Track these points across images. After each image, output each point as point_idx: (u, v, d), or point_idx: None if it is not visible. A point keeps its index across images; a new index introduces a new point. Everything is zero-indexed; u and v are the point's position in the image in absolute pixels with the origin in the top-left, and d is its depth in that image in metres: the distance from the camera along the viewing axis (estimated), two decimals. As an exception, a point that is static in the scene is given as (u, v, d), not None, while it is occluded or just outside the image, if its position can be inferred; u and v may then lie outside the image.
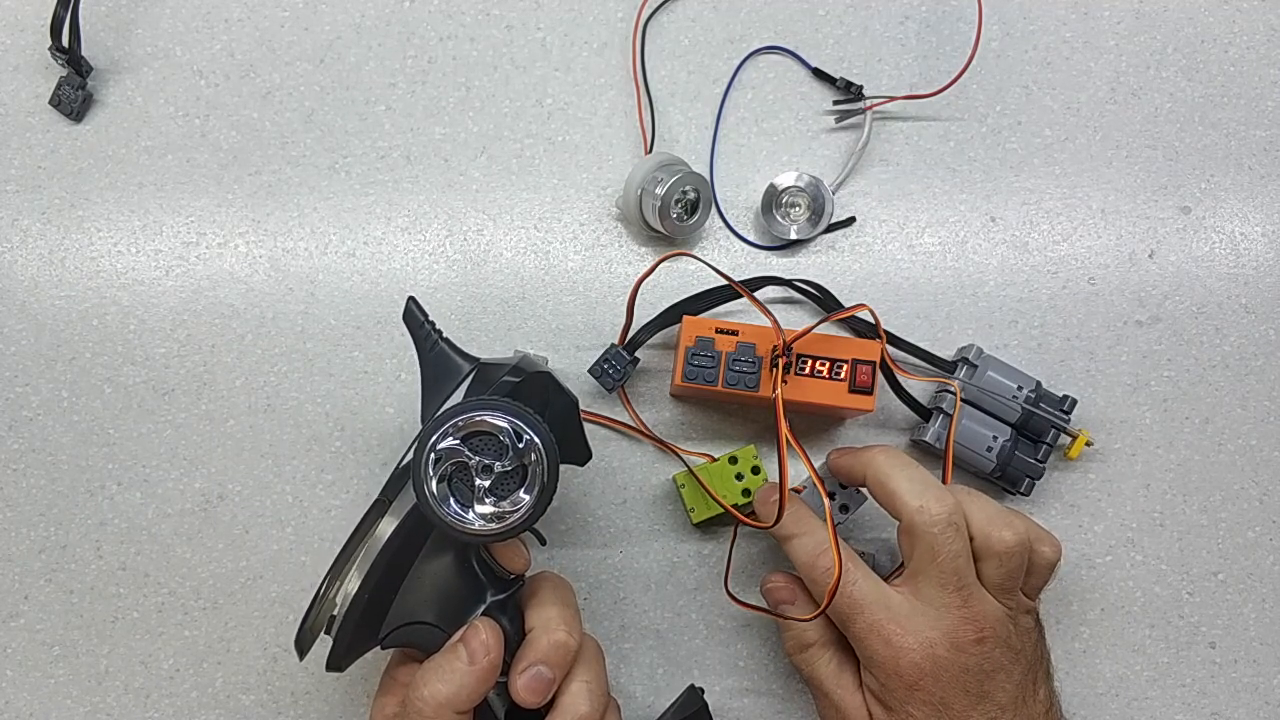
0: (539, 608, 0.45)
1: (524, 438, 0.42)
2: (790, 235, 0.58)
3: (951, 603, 0.45)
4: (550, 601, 0.45)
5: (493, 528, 0.42)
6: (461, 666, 0.41)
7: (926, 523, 0.45)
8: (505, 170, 0.59)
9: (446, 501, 0.42)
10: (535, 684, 0.42)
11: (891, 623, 0.45)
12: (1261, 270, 0.60)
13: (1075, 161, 0.61)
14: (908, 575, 0.47)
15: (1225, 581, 0.58)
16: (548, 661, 0.42)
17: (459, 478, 0.42)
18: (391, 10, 0.60)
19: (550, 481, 0.42)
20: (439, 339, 0.46)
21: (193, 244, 0.58)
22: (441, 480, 0.42)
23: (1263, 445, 0.59)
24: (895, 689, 0.45)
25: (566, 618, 0.44)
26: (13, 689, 0.55)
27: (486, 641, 0.42)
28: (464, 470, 0.42)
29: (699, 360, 0.52)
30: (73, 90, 0.57)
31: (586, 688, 0.43)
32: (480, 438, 0.42)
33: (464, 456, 0.42)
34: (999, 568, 0.46)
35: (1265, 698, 0.57)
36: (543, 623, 0.44)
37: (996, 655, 0.45)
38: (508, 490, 0.42)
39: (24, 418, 0.56)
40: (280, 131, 0.59)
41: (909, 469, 0.48)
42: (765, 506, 0.52)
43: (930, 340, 0.58)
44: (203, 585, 0.55)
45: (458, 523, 0.42)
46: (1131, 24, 0.62)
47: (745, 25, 0.61)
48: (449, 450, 0.42)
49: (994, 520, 0.46)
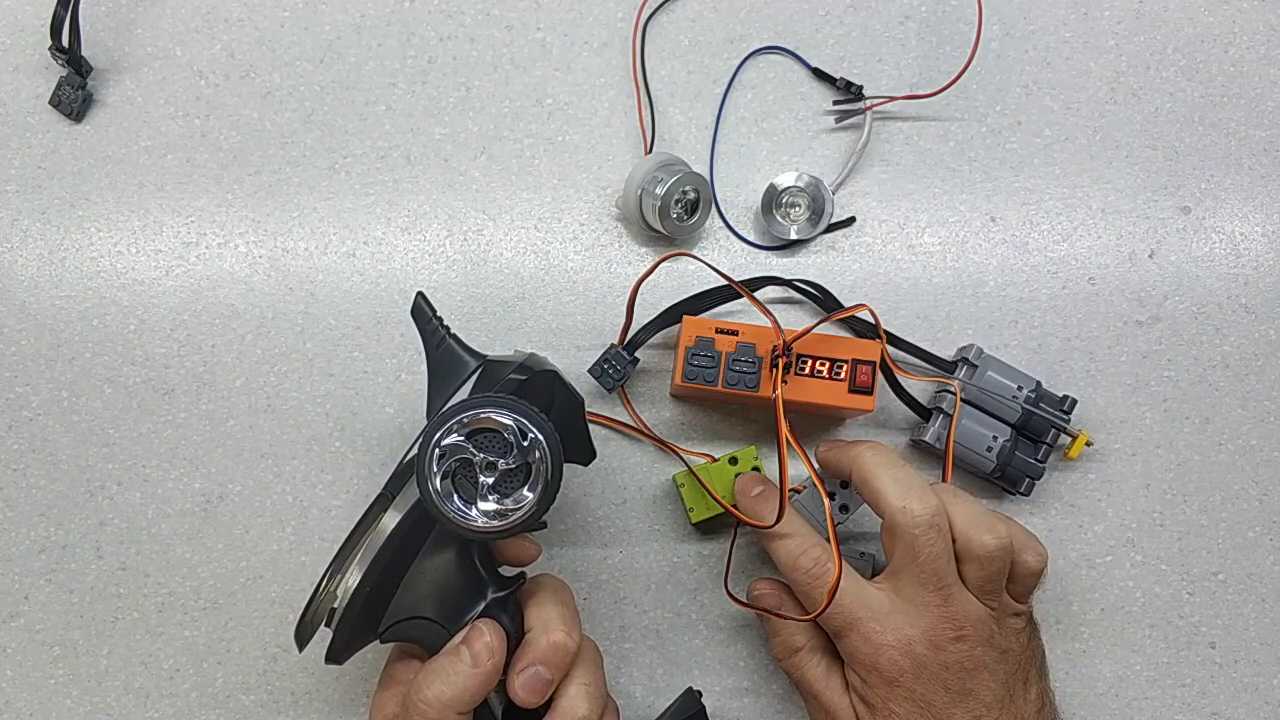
0: (538, 608, 0.45)
1: (529, 435, 0.42)
2: (790, 235, 0.58)
3: (931, 601, 0.45)
4: (550, 602, 0.45)
5: (495, 525, 0.42)
6: (465, 669, 0.41)
7: (908, 523, 0.46)
8: (505, 170, 0.59)
9: (450, 498, 0.42)
10: (533, 684, 0.42)
11: (872, 620, 0.46)
12: (1261, 270, 0.60)
13: (1075, 161, 0.61)
14: (888, 573, 0.47)
15: (1225, 581, 0.58)
16: (546, 662, 0.42)
17: (463, 474, 0.42)
18: (391, 10, 0.60)
19: (554, 480, 0.42)
20: (447, 335, 0.46)
21: (193, 244, 0.58)
22: (445, 477, 0.42)
23: (1263, 445, 0.59)
24: (876, 685, 0.45)
25: (566, 618, 0.44)
26: (13, 689, 0.55)
27: (490, 644, 0.42)
28: (468, 467, 0.42)
29: (699, 360, 0.52)
30: (73, 90, 0.57)
31: (585, 689, 0.43)
32: (485, 435, 0.42)
33: (468, 453, 0.42)
34: (979, 570, 0.46)
35: (1265, 698, 0.57)
36: (542, 623, 0.44)
37: (979, 654, 0.45)
38: (511, 488, 0.42)
39: (24, 418, 0.56)
40: (280, 131, 0.59)
41: (894, 468, 0.48)
42: (745, 499, 0.52)
43: (930, 340, 0.58)
44: (203, 585, 0.55)
45: (461, 519, 0.42)
46: (1131, 24, 0.62)
47: (745, 25, 0.61)
48: (453, 446, 0.42)
49: (977, 523, 0.46)
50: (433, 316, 0.46)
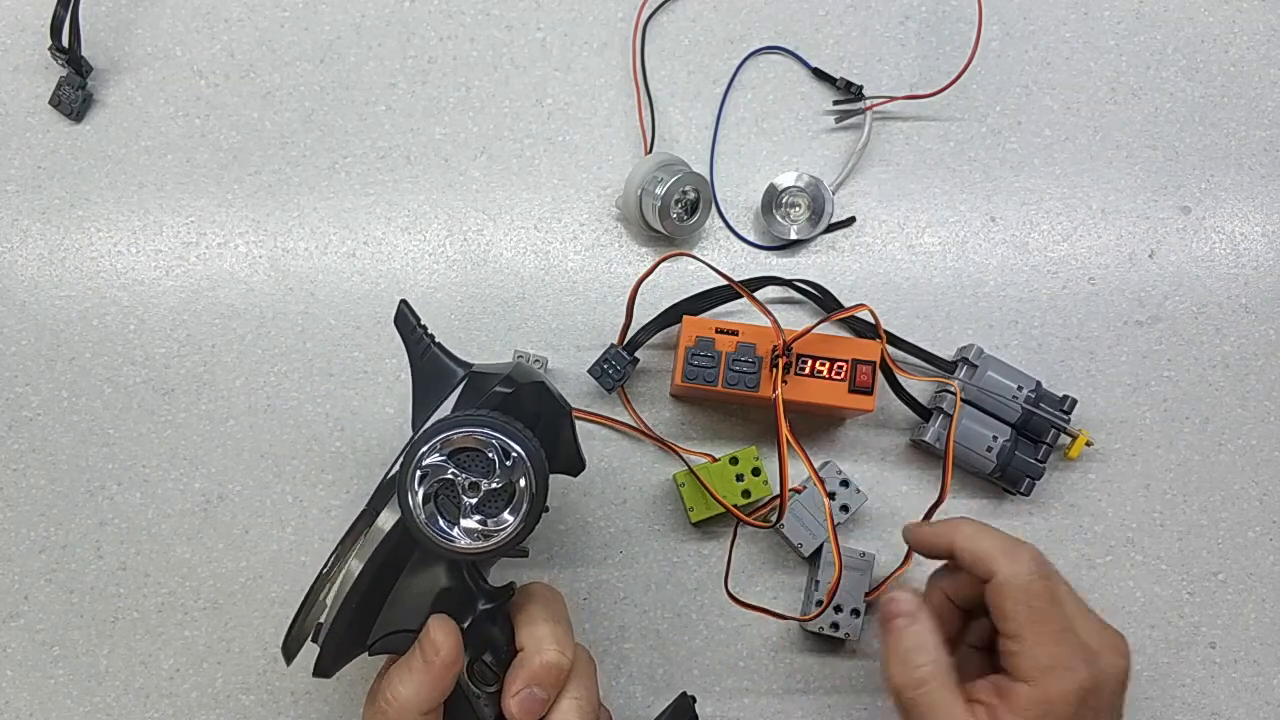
0: (529, 625, 0.44)
1: (512, 455, 0.41)
2: (790, 235, 0.58)
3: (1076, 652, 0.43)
4: (541, 619, 0.44)
5: (479, 545, 0.41)
6: (419, 665, 0.41)
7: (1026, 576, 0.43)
8: (505, 170, 0.59)
9: (434, 520, 0.41)
10: (529, 705, 0.42)
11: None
12: (1261, 270, 0.60)
13: (1075, 161, 0.61)
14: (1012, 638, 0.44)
15: (1225, 581, 0.58)
16: (540, 683, 0.42)
17: (445, 494, 0.41)
18: (391, 10, 0.60)
19: (538, 500, 0.41)
20: (431, 344, 0.45)
21: (193, 244, 0.58)
22: (427, 499, 0.41)
23: (1263, 445, 0.59)
24: None
25: (558, 635, 0.44)
26: (13, 689, 0.54)
27: (435, 640, 0.41)
28: (450, 487, 0.41)
29: (699, 360, 0.52)
30: (73, 90, 0.57)
31: (577, 704, 0.43)
32: (468, 454, 0.41)
33: (450, 474, 0.41)
34: None
35: (1265, 698, 0.57)
36: (534, 642, 0.43)
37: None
38: (496, 508, 0.41)
39: (24, 418, 0.56)
40: (280, 131, 0.59)
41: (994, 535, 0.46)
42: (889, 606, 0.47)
43: (930, 340, 0.58)
44: (203, 585, 0.55)
45: (444, 540, 0.41)
46: (1131, 24, 0.62)
47: (745, 25, 0.61)
48: (434, 467, 0.41)
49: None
50: (417, 325, 0.45)
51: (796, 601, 0.56)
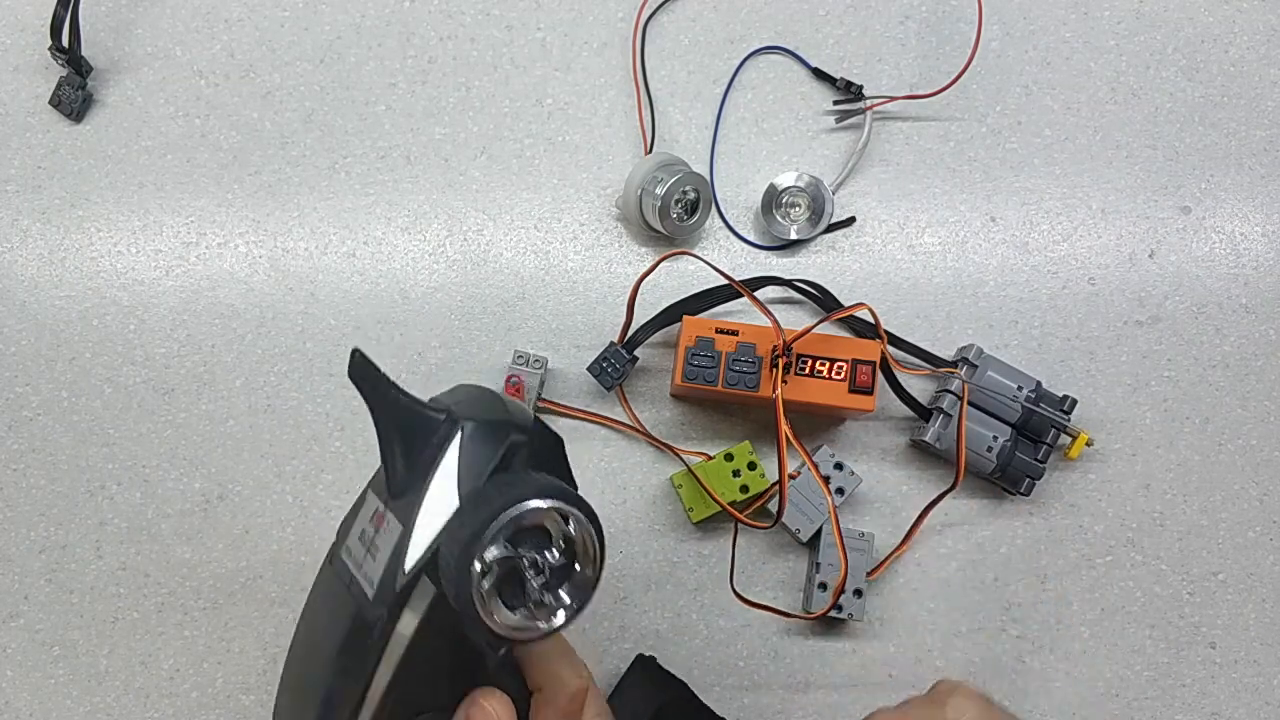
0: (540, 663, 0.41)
1: (570, 519, 0.35)
2: (790, 235, 0.58)
3: None
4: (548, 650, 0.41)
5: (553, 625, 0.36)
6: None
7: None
8: (505, 170, 0.59)
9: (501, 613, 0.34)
10: None
11: None
12: (1261, 270, 0.60)
13: (1075, 161, 0.61)
14: None
15: (1225, 581, 0.58)
16: (570, 715, 0.40)
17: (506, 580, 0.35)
18: (391, 10, 0.60)
19: (603, 554, 0.36)
20: (393, 389, 0.38)
21: (193, 244, 0.58)
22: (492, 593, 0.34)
23: (1263, 445, 0.59)
24: None
25: (572, 662, 0.41)
26: (13, 689, 0.54)
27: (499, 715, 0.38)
28: (513, 573, 0.35)
29: (699, 360, 0.52)
30: (73, 90, 0.57)
31: None
32: (525, 532, 0.35)
33: (515, 560, 0.34)
34: None
35: (1265, 698, 0.57)
36: (551, 679, 0.40)
37: None
38: (559, 580, 0.36)
39: (24, 418, 0.56)
40: (280, 131, 0.59)
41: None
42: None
43: (930, 340, 0.58)
44: (203, 585, 0.55)
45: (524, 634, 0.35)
46: (1131, 24, 0.62)
47: (745, 25, 0.61)
48: (500, 560, 0.34)
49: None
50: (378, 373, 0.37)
51: (796, 593, 0.56)
